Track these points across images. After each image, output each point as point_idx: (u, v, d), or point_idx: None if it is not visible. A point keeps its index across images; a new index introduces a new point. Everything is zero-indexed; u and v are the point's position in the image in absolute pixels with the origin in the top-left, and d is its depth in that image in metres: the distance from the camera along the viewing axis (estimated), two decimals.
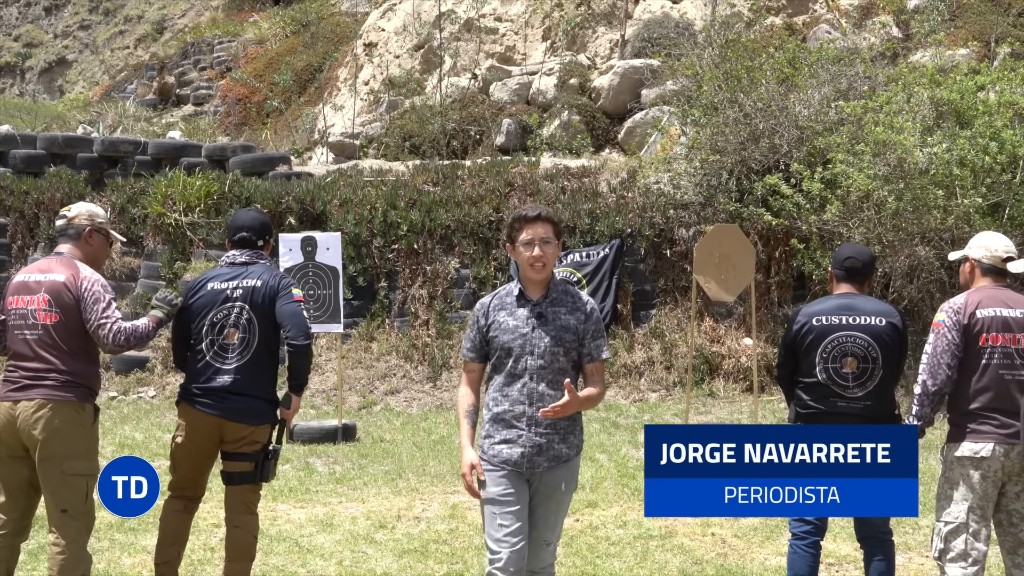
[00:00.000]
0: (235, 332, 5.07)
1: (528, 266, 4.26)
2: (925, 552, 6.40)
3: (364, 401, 12.05)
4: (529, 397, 4.20)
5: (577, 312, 4.29)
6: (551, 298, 4.29)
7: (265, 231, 5.34)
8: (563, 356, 4.23)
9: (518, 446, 4.19)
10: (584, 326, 4.27)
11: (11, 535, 4.85)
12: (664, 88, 15.69)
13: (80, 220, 5.04)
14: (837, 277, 5.10)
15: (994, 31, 15.11)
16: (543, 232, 4.26)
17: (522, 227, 4.28)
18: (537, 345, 4.21)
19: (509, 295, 4.36)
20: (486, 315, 4.34)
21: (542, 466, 4.19)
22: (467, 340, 4.42)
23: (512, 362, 4.23)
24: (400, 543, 6.66)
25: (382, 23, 22.58)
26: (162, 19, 39.23)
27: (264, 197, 13.48)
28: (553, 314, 4.26)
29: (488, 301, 4.40)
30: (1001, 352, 4.61)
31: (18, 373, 4.80)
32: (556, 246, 4.31)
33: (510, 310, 4.30)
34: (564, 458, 4.24)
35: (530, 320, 4.25)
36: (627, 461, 9.03)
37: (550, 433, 4.21)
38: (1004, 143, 10.22)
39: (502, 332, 4.26)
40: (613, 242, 12.64)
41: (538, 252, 4.23)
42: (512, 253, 4.37)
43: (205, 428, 5.08)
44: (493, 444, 4.25)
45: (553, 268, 4.32)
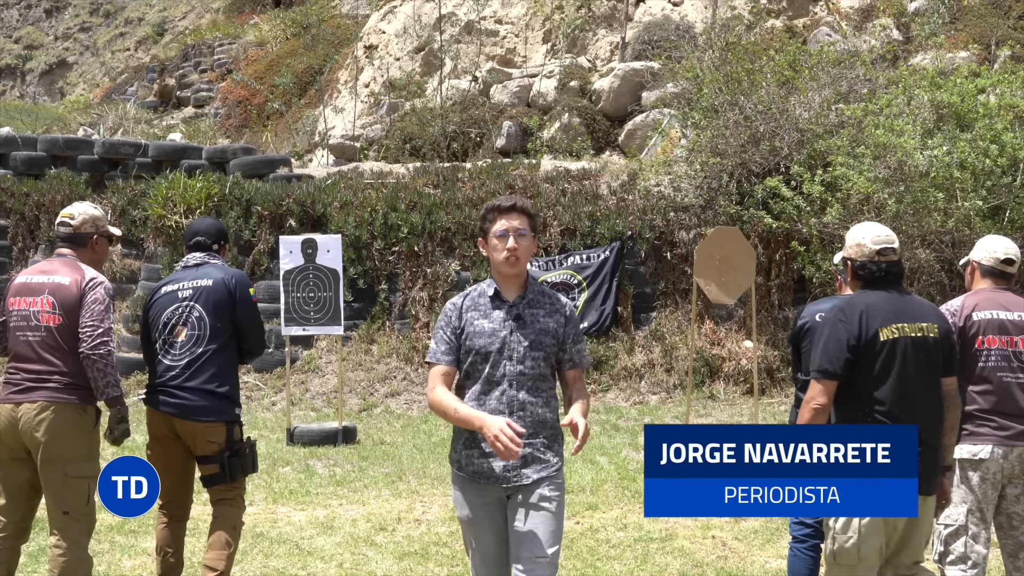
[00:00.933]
0: (183, 329, 5.11)
1: (501, 260, 3.92)
2: (925, 555, 6.39)
3: (364, 403, 12.05)
4: (509, 405, 3.87)
5: (556, 315, 3.98)
6: (528, 299, 3.98)
7: (220, 236, 5.46)
8: (543, 361, 3.92)
9: (500, 458, 3.80)
10: (564, 329, 3.98)
11: (11, 537, 4.84)
12: (664, 91, 15.69)
13: (86, 229, 5.02)
14: (845, 279, 5.13)
15: (994, 34, 15.11)
16: (518, 223, 3.92)
17: (495, 218, 3.95)
18: (516, 349, 3.89)
19: (483, 295, 4.00)
20: (459, 316, 3.98)
21: (529, 478, 3.87)
22: (439, 342, 3.98)
23: (489, 368, 3.89)
24: (400, 545, 6.65)
25: (383, 25, 22.60)
26: (163, 21, 39.26)
27: (264, 199, 13.49)
28: (531, 316, 3.95)
29: (460, 301, 4.03)
30: (998, 355, 4.60)
31: (20, 375, 4.79)
32: (532, 240, 3.98)
33: (484, 311, 3.96)
34: (551, 466, 3.92)
35: (507, 322, 3.92)
36: (627, 464, 9.03)
37: (534, 442, 3.88)
38: (1004, 146, 10.22)
39: (477, 336, 3.91)
40: (613, 245, 12.65)
41: (512, 244, 3.89)
42: (484, 248, 4.03)
43: (161, 427, 5.11)
44: (473, 457, 3.92)
45: (527, 265, 4.02)
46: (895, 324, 4.14)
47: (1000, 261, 4.75)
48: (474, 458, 3.91)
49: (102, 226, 5.08)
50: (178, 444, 5.10)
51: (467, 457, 3.94)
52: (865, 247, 4.26)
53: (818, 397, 4.09)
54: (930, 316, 4.26)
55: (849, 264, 4.34)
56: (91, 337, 4.74)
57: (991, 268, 4.76)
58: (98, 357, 4.73)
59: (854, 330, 4.11)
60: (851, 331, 4.11)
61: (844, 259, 4.41)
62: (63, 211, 5.11)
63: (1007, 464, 4.56)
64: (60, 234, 5.05)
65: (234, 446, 5.11)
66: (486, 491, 3.92)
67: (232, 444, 5.10)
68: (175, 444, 5.11)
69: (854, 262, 4.30)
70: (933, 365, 4.19)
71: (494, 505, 3.93)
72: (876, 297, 4.20)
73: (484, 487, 3.91)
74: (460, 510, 4.00)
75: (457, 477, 4.00)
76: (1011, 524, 4.64)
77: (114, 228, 5.20)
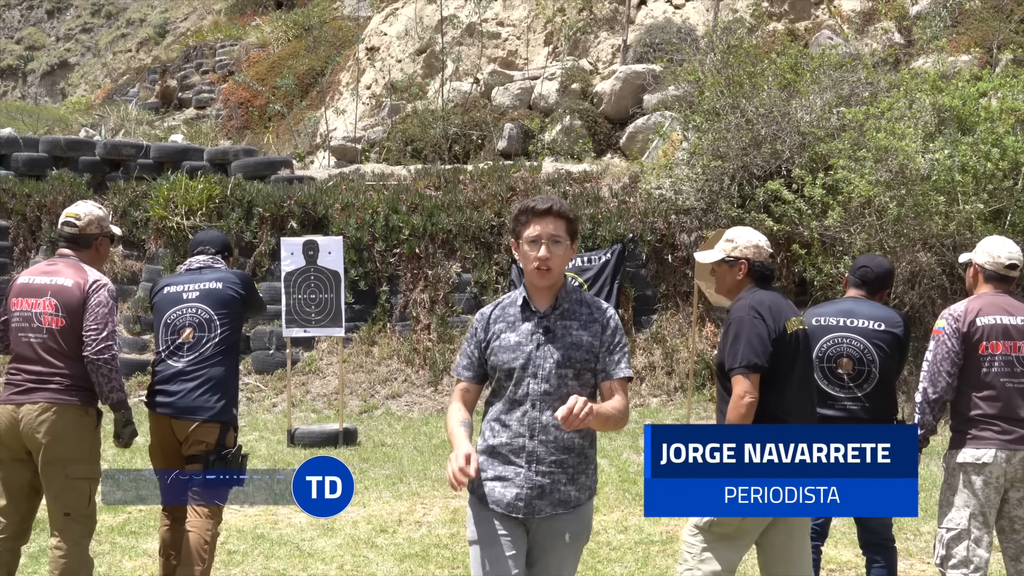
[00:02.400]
0: (190, 331, 5.10)
1: (532, 269, 3.54)
2: (927, 559, 6.40)
3: (365, 405, 12.05)
4: (531, 429, 3.47)
5: (593, 325, 3.56)
6: (561, 309, 3.57)
7: (225, 247, 5.50)
8: (573, 379, 3.50)
9: (514, 486, 3.46)
10: (601, 339, 3.55)
11: (12, 538, 4.83)
12: (666, 93, 15.70)
13: (91, 230, 4.99)
14: (851, 283, 5.16)
15: (996, 37, 15.11)
16: (553, 229, 3.52)
17: (529, 221, 3.55)
18: (541, 366, 3.49)
19: (512, 305, 3.64)
20: (486, 327, 3.64)
21: (544, 511, 3.47)
22: (463, 356, 3.70)
23: (513, 386, 3.51)
24: (401, 547, 6.65)
25: (384, 27, 22.62)
26: (164, 22, 39.29)
27: (266, 201, 13.50)
28: (563, 328, 3.54)
29: (489, 311, 3.70)
30: (1001, 360, 4.59)
31: (21, 376, 4.78)
32: (568, 248, 3.58)
33: (512, 323, 3.59)
34: (572, 503, 3.50)
35: (535, 336, 3.53)
36: (628, 466, 9.03)
37: (555, 472, 3.47)
38: (1006, 149, 10.22)
39: (502, 350, 3.55)
40: (615, 247, 12.64)
41: (544, 253, 3.50)
42: (516, 252, 3.65)
43: (161, 429, 5.09)
44: (485, 480, 3.53)
45: (563, 274, 3.62)
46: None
47: (1004, 267, 4.73)
48: (485, 480, 3.55)
49: (106, 227, 5.08)
50: (179, 446, 5.10)
51: (478, 478, 3.55)
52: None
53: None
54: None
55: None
56: (95, 341, 4.72)
57: (994, 273, 4.75)
58: (103, 362, 4.71)
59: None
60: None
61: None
62: (67, 211, 5.04)
63: (1010, 468, 4.56)
64: (64, 234, 5.00)
65: (222, 449, 5.05)
66: (502, 519, 3.52)
67: (221, 447, 5.04)
68: (176, 447, 5.10)
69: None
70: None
71: (512, 526, 3.51)
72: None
73: (500, 515, 3.52)
74: (474, 530, 3.59)
75: (471, 498, 3.63)
76: (1013, 528, 4.64)
77: (115, 228, 5.19)
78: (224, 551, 6.45)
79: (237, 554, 6.47)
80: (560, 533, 3.50)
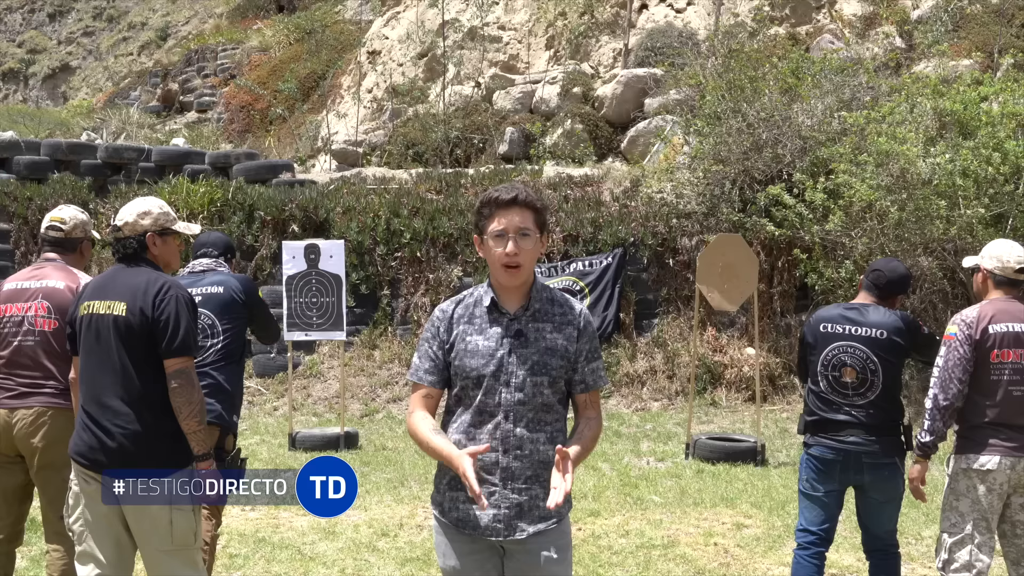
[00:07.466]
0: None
1: (499, 267, 3.16)
2: (928, 563, 6.39)
3: (366, 409, 12.05)
4: (504, 443, 3.12)
5: (567, 327, 3.21)
6: (533, 310, 3.21)
7: (228, 249, 5.51)
8: (547, 387, 3.15)
9: (490, 506, 3.12)
10: (577, 346, 3.21)
11: (6, 541, 4.84)
12: (667, 97, 15.72)
13: (76, 234, 5.01)
14: (863, 285, 5.12)
15: (997, 42, 15.13)
16: (520, 221, 3.13)
17: (492, 214, 3.16)
18: (515, 373, 3.13)
19: (478, 305, 3.25)
20: (449, 328, 3.24)
21: (524, 531, 3.13)
22: (423, 358, 3.26)
23: (482, 395, 3.14)
24: (402, 551, 6.65)
25: (386, 31, 22.65)
26: (166, 26, 39.35)
27: (267, 204, 13.50)
28: (536, 332, 3.19)
29: (450, 309, 3.28)
30: (1011, 368, 4.57)
31: (13, 380, 4.75)
32: (538, 241, 3.18)
33: (479, 326, 3.21)
34: (554, 516, 3.17)
35: (505, 340, 3.16)
36: (629, 470, 9.02)
37: (532, 488, 3.13)
38: (1007, 154, 10.22)
39: (468, 355, 3.17)
40: (616, 251, 12.65)
41: (512, 248, 3.11)
42: (480, 248, 3.25)
43: None
44: (457, 503, 3.22)
45: (533, 271, 3.25)
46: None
47: (1014, 271, 4.70)
48: (459, 502, 3.21)
49: (88, 230, 5.10)
50: None
51: (451, 500, 3.23)
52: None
53: None
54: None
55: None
56: None
57: (1004, 278, 4.72)
58: None
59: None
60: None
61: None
62: (51, 215, 5.04)
63: (1014, 475, 4.56)
64: (49, 238, 5.01)
65: (219, 453, 4.98)
66: (477, 539, 3.19)
67: (219, 451, 4.97)
68: None
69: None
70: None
71: (487, 554, 3.21)
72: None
73: (474, 535, 3.19)
74: (444, 560, 3.27)
75: (440, 523, 3.28)
76: (1015, 532, 4.64)
77: (95, 232, 5.21)
78: (225, 555, 6.45)
79: (239, 558, 6.47)
80: (542, 551, 3.17)
